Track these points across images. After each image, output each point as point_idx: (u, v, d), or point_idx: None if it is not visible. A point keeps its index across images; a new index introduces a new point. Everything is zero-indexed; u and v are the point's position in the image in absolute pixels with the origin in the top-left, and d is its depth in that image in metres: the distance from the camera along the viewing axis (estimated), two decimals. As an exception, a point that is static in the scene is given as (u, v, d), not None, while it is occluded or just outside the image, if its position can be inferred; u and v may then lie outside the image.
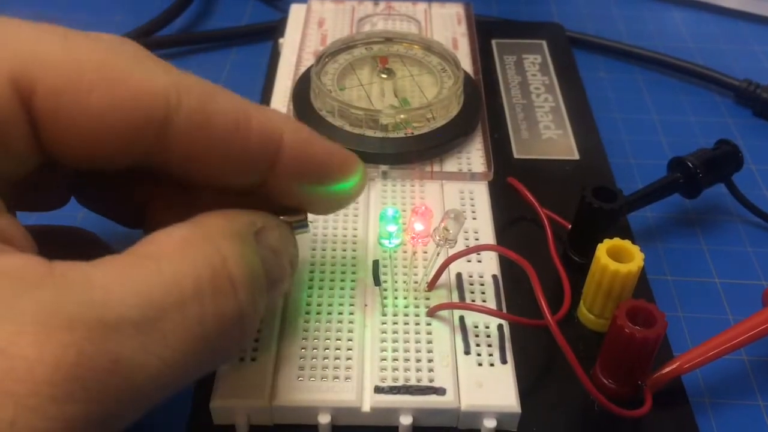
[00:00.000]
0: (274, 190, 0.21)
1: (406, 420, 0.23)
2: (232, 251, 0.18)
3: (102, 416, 0.15)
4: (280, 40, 0.40)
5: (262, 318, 0.25)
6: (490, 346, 0.25)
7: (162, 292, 0.17)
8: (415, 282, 0.26)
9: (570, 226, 0.29)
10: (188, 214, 0.22)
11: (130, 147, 0.19)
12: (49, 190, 0.23)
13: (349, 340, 0.25)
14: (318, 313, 0.25)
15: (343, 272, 0.27)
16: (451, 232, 0.25)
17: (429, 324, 0.25)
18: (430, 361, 0.24)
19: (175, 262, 0.17)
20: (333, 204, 0.23)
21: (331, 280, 0.27)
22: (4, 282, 0.15)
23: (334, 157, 0.22)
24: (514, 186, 0.31)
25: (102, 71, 0.18)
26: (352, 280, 0.27)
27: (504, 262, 0.28)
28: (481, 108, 0.34)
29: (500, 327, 0.25)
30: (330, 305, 0.26)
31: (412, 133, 0.31)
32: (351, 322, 0.25)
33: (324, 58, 0.34)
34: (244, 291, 0.18)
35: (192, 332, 0.17)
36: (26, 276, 0.15)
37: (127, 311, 0.16)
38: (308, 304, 0.26)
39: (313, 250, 0.28)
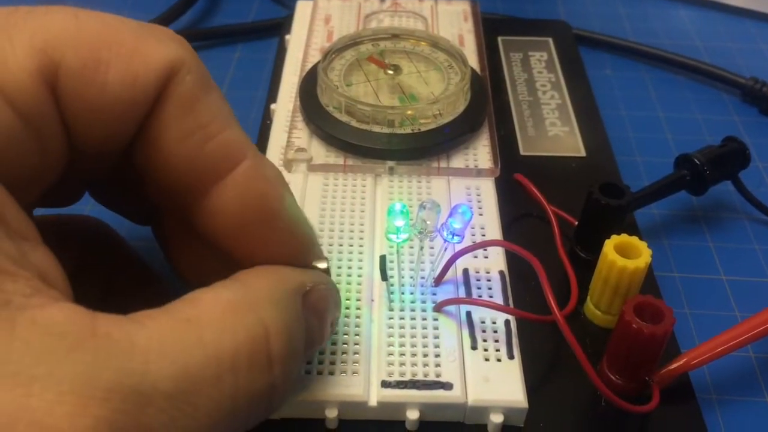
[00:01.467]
0: (211, 213, 0.20)
1: (412, 414, 0.23)
2: (275, 323, 0.18)
3: None
4: (287, 37, 0.40)
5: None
6: (497, 341, 0.25)
7: (200, 366, 0.16)
8: (422, 277, 0.26)
9: (576, 223, 0.29)
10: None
11: (138, 115, 0.19)
12: (66, 187, 0.23)
13: (356, 334, 0.25)
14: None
15: (350, 267, 0.27)
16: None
17: (436, 319, 0.25)
18: (437, 356, 0.24)
19: (216, 331, 0.17)
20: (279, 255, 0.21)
21: (338, 275, 0.27)
22: (47, 341, 0.14)
23: (283, 208, 0.20)
24: (520, 182, 0.31)
25: (115, 45, 0.18)
26: (359, 276, 0.27)
27: (511, 258, 0.28)
28: (488, 104, 0.34)
29: (507, 322, 0.25)
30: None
31: (419, 129, 0.31)
32: (358, 317, 0.25)
33: (331, 54, 0.34)
34: (279, 366, 0.18)
35: (222, 407, 0.16)
36: (69, 334, 0.15)
37: (163, 384, 0.15)
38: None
39: (320, 245, 0.28)
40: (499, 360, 0.24)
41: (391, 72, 0.34)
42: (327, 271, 0.22)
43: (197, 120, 0.19)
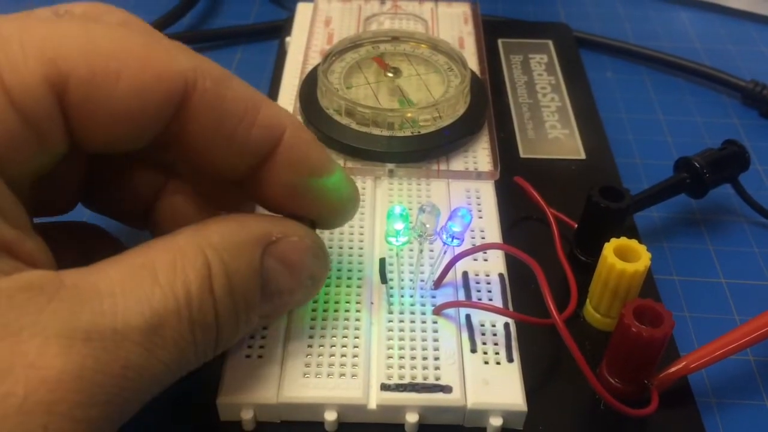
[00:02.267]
0: (265, 183, 0.22)
1: (412, 417, 0.23)
2: (216, 264, 0.19)
3: (116, 415, 0.17)
4: (287, 39, 0.40)
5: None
6: (496, 344, 0.25)
7: (161, 301, 0.18)
8: (422, 280, 0.26)
9: (576, 226, 0.29)
10: (194, 217, 0.22)
11: (152, 125, 0.19)
12: (58, 193, 0.23)
13: (356, 337, 0.25)
14: (325, 311, 0.25)
15: (349, 270, 0.27)
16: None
17: (435, 322, 0.25)
18: (436, 359, 0.24)
19: (169, 271, 0.18)
20: (327, 210, 0.23)
21: (338, 278, 0.27)
22: (25, 296, 0.16)
23: (328, 164, 0.22)
24: (520, 185, 0.31)
25: (126, 57, 0.19)
26: (359, 278, 0.27)
27: (510, 261, 0.28)
28: (488, 107, 0.34)
29: (506, 325, 0.25)
30: (336, 303, 0.26)
31: (419, 132, 0.31)
32: (357, 320, 0.25)
33: (331, 56, 0.34)
34: (222, 305, 0.19)
35: (185, 338, 0.18)
36: (44, 287, 0.17)
37: (134, 319, 0.17)
38: (315, 302, 0.26)
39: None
40: (498, 363, 0.24)
41: (391, 74, 0.34)
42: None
43: (233, 115, 0.20)
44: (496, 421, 0.23)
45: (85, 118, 0.19)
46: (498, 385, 0.24)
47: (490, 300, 0.26)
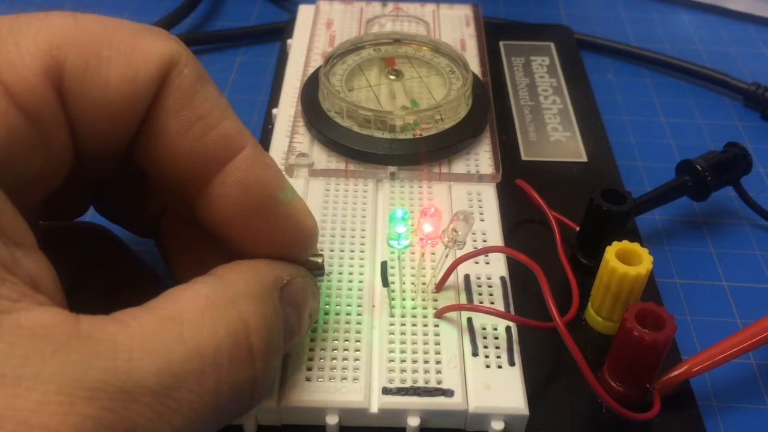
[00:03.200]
0: (217, 203, 0.20)
1: (413, 421, 0.23)
2: (254, 317, 0.18)
3: None
4: (289, 41, 0.40)
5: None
6: (498, 348, 0.25)
7: (182, 361, 0.16)
8: (423, 283, 0.26)
9: (578, 228, 0.29)
10: (197, 233, 0.22)
11: (141, 110, 0.19)
12: (71, 200, 0.23)
13: (357, 341, 0.25)
14: (326, 314, 0.25)
15: (351, 273, 0.27)
16: (459, 233, 0.25)
17: (437, 325, 0.25)
18: (437, 362, 0.24)
19: (197, 328, 0.17)
20: (282, 240, 0.22)
21: (339, 281, 0.27)
22: (32, 343, 0.15)
23: (284, 187, 0.21)
24: (522, 188, 0.31)
25: (115, 45, 0.19)
26: (360, 281, 0.27)
27: (512, 264, 0.28)
28: (490, 110, 0.34)
29: (508, 329, 0.25)
30: (338, 306, 0.26)
31: (421, 135, 0.31)
32: (359, 323, 0.25)
33: (332, 59, 0.34)
34: (261, 359, 0.18)
35: (206, 401, 0.17)
36: (53, 336, 0.15)
37: (147, 379, 0.16)
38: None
39: (321, 251, 0.28)
40: (500, 367, 0.24)
41: (392, 77, 0.34)
42: (321, 264, 0.23)
43: (196, 111, 0.20)
44: (497, 425, 0.23)
45: (83, 107, 0.18)
46: (500, 388, 0.24)
47: (492, 303, 0.26)
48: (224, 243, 0.21)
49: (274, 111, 0.35)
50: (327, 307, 0.26)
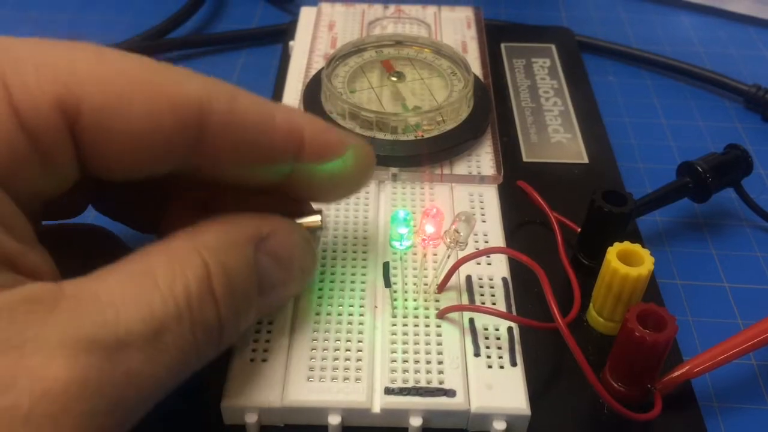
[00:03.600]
0: (299, 181, 0.22)
1: (416, 421, 0.23)
2: (216, 265, 0.20)
3: (121, 421, 0.17)
4: (291, 43, 0.40)
5: (272, 319, 0.25)
6: (500, 348, 0.25)
7: (162, 307, 0.18)
8: (425, 284, 0.26)
9: (579, 230, 0.29)
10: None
11: (169, 154, 0.20)
12: (71, 201, 0.24)
13: (360, 341, 0.25)
14: (328, 314, 0.26)
15: (353, 274, 0.27)
16: (461, 234, 0.25)
17: (439, 326, 0.25)
18: (440, 362, 0.24)
19: (168, 275, 0.19)
20: (343, 187, 0.24)
21: (342, 282, 0.27)
22: (27, 309, 0.16)
23: (346, 141, 0.23)
24: (523, 189, 0.31)
25: (139, 84, 0.19)
26: (363, 282, 0.27)
27: (514, 265, 0.28)
28: (491, 111, 0.34)
29: (510, 329, 0.25)
30: (340, 306, 0.26)
31: (423, 136, 0.31)
32: (361, 324, 0.25)
33: (334, 60, 0.34)
34: (224, 305, 0.20)
35: (187, 341, 0.19)
36: (44, 301, 0.17)
37: (135, 326, 0.17)
38: (319, 306, 0.26)
39: (324, 251, 0.28)
40: (502, 367, 0.24)
41: (394, 79, 0.34)
42: (320, 221, 0.24)
43: (252, 127, 0.20)
44: (499, 425, 0.23)
45: (98, 145, 0.19)
46: (501, 389, 0.24)
47: (494, 304, 0.26)
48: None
49: (277, 112, 0.35)
50: (330, 307, 0.26)
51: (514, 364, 0.24)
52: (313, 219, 0.24)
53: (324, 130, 0.22)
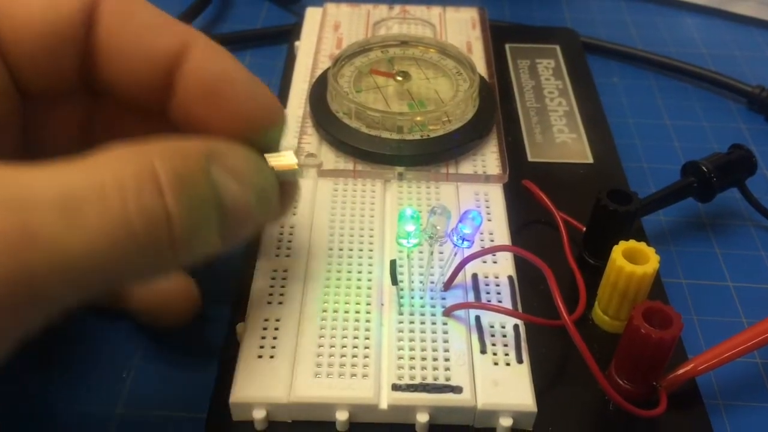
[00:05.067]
0: (182, 102, 0.23)
1: (422, 417, 0.23)
2: (162, 160, 0.19)
3: (23, 287, 0.16)
4: (296, 43, 0.40)
5: (280, 317, 0.25)
6: (506, 345, 0.25)
7: (82, 184, 0.18)
8: (432, 282, 0.27)
9: (584, 229, 0.30)
10: None
11: (63, 44, 0.22)
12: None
13: (366, 338, 0.25)
14: (335, 312, 0.26)
15: (359, 272, 0.27)
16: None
17: (445, 323, 0.26)
18: (446, 359, 0.24)
19: (102, 166, 0.18)
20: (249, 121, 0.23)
21: (348, 279, 0.27)
22: None
23: (240, 70, 0.23)
24: (528, 189, 0.31)
25: None
26: (369, 280, 0.27)
27: (519, 263, 0.28)
28: (496, 111, 0.34)
29: (516, 327, 0.26)
30: (347, 303, 0.26)
31: (428, 136, 0.31)
32: (368, 321, 0.25)
33: (341, 60, 0.35)
34: (172, 194, 0.19)
35: (114, 221, 0.18)
36: None
37: (45, 193, 0.17)
38: (326, 302, 0.26)
39: (331, 249, 0.28)
40: (508, 364, 0.24)
41: (400, 78, 0.34)
42: (294, 161, 0.23)
43: (141, 22, 0.22)
44: (506, 422, 0.23)
45: (11, 42, 0.21)
46: (508, 385, 0.24)
47: (500, 302, 0.26)
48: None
49: (283, 112, 0.35)
50: (336, 304, 0.26)
51: (520, 361, 0.25)
52: (289, 162, 0.23)
53: (217, 49, 0.23)
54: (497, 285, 0.27)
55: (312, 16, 0.42)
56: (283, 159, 0.23)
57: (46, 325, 0.17)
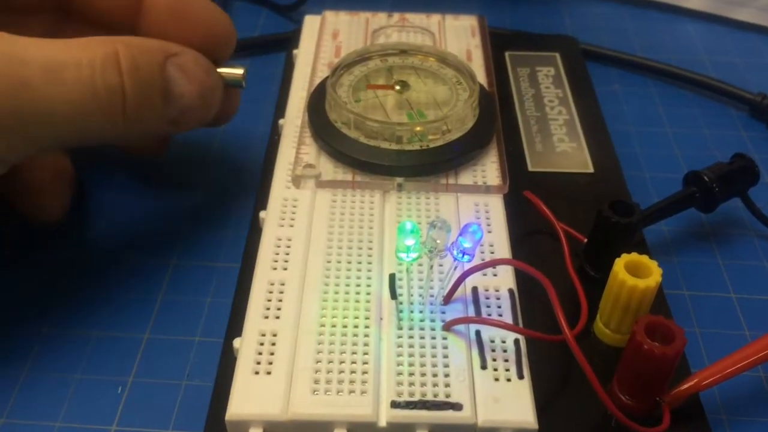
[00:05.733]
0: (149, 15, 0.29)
1: (422, 435, 0.23)
2: (125, 50, 0.25)
3: (15, 120, 0.23)
4: (295, 51, 0.40)
5: (276, 331, 0.25)
6: (506, 360, 0.25)
7: (65, 56, 0.24)
8: (432, 296, 0.26)
9: (586, 240, 0.29)
10: None
11: None
12: None
13: (365, 353, 0.25)
14: (333, 326, 0.25)
15: (358, 285, 0.27)
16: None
17: (445, 338, 0.25)
18: (446, 375, 0.24)
19: (78, 47, 0.25)
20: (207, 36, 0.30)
21: (347, 293, 0.27)
22: None
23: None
24: (529, 199, 0.31)
25: None
26: (368, 293, 0.27)
27: (520, 276, 0.28)
28: (496, 120, 0.34)
29: (517, 341, 0.25)
30: (345, 318, 0.26)
31: (428, 146, 0.31)
32: (366, 336, 0.25)
33: (339, 69, 0.34)
34: (128, 77, 0.25)
35: (85, 85, 0.24)
36: None
37: (36, 56, 0.24)
38: (324, 316, 0.26)
39: (329, 262, 0.28)
40: (509, 380, 0.24)
41: (399, 88, 0.34)
42: (241, 75, 0.30)
43: None
44: (506, 439, 0.23)
45: None
46: (508, 402, 0.24)
47: (500, 315, 0.26)
48: None
49: (281, 121, 0.35)
50: (335, 319, 0.26)
51: (521, 376, 0.24)
52: (235, 71, 0.30)
53: None
54: (498, 298, 0.27)
55: (310, 23, 0.41)
56: (230, 69, 0.30)
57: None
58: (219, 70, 0.29)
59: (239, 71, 0.29)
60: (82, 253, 0.32)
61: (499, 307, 0.26)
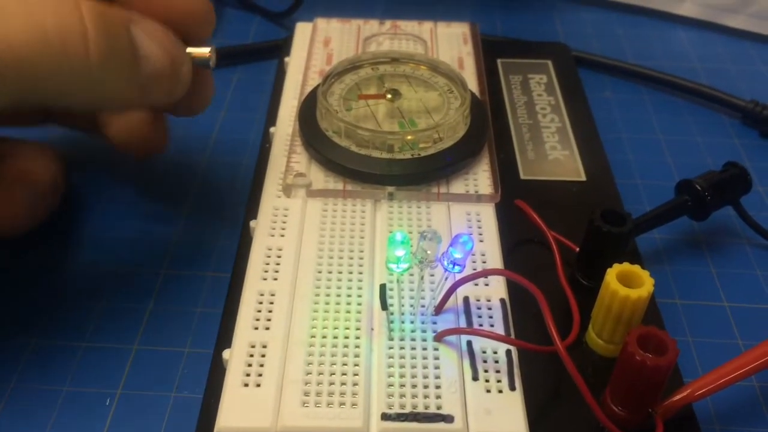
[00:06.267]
0: None
1: (413, 447, 0.23)
2: (89, 11, 0.23)
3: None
4: (286, 59, 0.40)
5: (266, 343, 0.25)
6: (498, 371, 0.25)
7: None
8: (423, 306, 0.26)
9: (578, 249, 0.29)
10: None
11: None
12: None
13: (356, 365, 0.24)
14: (324, 337, 0.25)
15: (349, 295, 0.27)
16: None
17: (436, 349, 0.25)
18: (437, 387, 0.24)
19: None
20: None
21: (337, 303, 0.26)
22: None
23: None
24: (521, 208, 0.31)
25: None
26: (359, 304, 0.26)
27: (512, 286, 0.27)
28: (488, 129, 0.34)
29: (508, 352, 0.25)
30: (336, 328, 0.25)
31: (419, 155, 0.31)
32: (357, 347, 0.25)
33: (330, 78, 0.34)
34: (89, 18, 0.23)
35: (31, 26, 0.22)
36: None
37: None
38: (314, 327, 0.25)
39: (319, 272, 0.27)
40: (500, 391, 0.24)
41: (390, 97, 0.34)
42: (208, 54, 0.28)
43: None
44: (498, 451, 0.23)
45: None
46: (500, 414, 0.23)
47: (492, 326, 0.26)
48: None
49: (272, 130, 0.35)
50: (325, 330, 0.25)
51: (512, 388, 0.24)
52: (202, 50, 0.28)
53: None
54: (489, 308, 0.27)
55: (302, 31, 0.41)
56: (197, 48, 0.28)
57: None
58: (187, 49, 0.27)
59: (206, 49, 0.28)
60: (69, 262, 0.32)
61: (491, 317, 0.26)
